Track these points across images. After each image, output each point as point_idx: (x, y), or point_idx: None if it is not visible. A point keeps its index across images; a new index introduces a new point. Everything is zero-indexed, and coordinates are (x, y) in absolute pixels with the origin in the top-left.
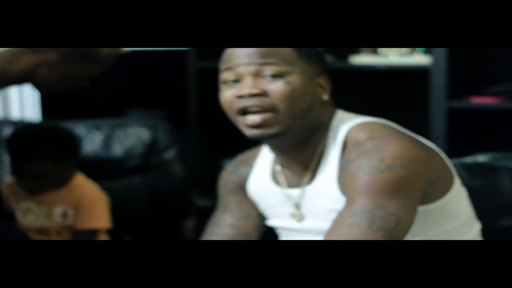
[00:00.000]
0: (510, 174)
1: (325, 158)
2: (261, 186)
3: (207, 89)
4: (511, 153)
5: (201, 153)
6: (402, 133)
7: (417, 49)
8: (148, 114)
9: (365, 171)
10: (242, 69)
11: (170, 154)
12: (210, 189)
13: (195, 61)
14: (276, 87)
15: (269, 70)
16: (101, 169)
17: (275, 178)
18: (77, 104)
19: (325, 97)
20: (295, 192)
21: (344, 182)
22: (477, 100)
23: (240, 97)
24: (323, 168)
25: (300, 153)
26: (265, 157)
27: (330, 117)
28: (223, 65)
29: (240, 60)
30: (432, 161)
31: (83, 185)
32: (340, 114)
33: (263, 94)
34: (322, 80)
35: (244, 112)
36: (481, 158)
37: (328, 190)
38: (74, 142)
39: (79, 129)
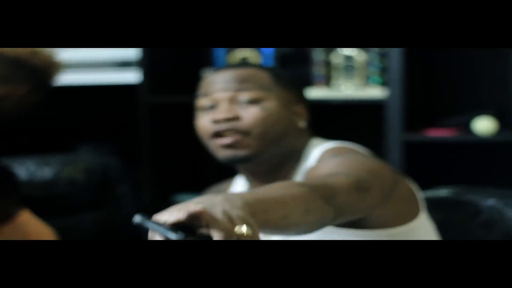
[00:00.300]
0: (473, 208)
1: None
2: None
3: (159, 124)
4: (472, 187)
5: (153, 188)
6: (370, 156)
7: (371, 82)
8: (98, 149)
9: (339, 155)
10: (218, 95)
11: (121, 190)
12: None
13: (146, 95)
14: (250, 112)
15: (244, 95)
16: (49, 206)
17: None
18: (24, 139)
19: (302, 124)
20: None
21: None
22: (433, 133)
23: (216, 121)
24: None
25: (274, 179)
26: (238, 187)
27: (305, 145)
28: (200, 92)
29: (216, 86)
30: (396, 178)
31: (29, 223)
32: (314, 141)
33: (237, 118)
34: (299, 108)
35: (218, 135)
36: (442, 192)
37: None
38: (11, 177)
39: (28, 165)
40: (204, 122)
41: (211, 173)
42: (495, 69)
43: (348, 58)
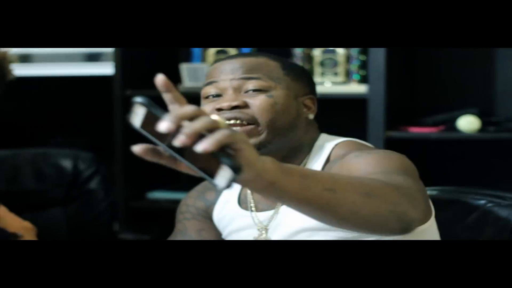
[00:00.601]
0: (462, 209)
1: None
2: (229, 210)
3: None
4: (460, 186)
5: (126, 183)
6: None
7: (353, 77)
8: (69, 143)
9: (370, 152)
10: (224, 83)
11: (92, 185)
12: (135, 222)
13: (120, 88)
14: (258, 100)
15: (251, 84)
16: (19, 201)
17: (243, 202)
18: None
19: (311, 116)
20: (264, 215)
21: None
22: (416, 130)
23: (220, 109)
24: None
25: None
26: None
27: (313, 138)
28: (205, 80)
29: (222, 74)
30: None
31: (6, 217)
32: (324, 136)
33: (243, 106)
34: (308, 101)
35: None
36: (429, 191)
37: None
38: None
39: None
40: (208, 111)
41: None
42: (479, 67)
43: (329, 52)
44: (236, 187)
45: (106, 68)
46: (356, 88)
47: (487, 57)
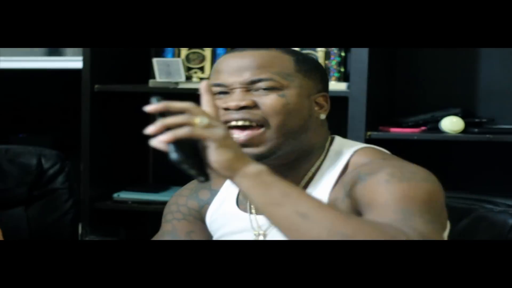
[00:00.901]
0: (448, 213)
1: (315, 184)
2: (225, 210)
3: (101, 114)
4: (452, 192)
5: (92, 183)
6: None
7: (333, 75)
8: (33, 140)
9: (400, 178)
10: (232, 80)
11: (56, 184)
12: (100, 224)
13: (88, 83)
14: (268, 99)
15: (262, 82)
16: None
17: (242, 202)
18: None
19: (323, 116)
20: (264, 219)
21: (361, 195)
22: (396, 131)
23: (227, 109)
24: (311, 192)
25: (285, 176)
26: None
27: (326, 140)
28: (212, 77)
29: (231, 70)
30: (443, 193)
31: None
32: (340, 139)
33: (252, 106)
34: (321, 98)
35: (229, 126)
36: None
37: None
38: None
39: None
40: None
41: (156, 168)
42: (461, 66)
43: (309, 49)
44: (235, 189)
45: (72, 62)
46: (336, 85)
47: (470, 56)
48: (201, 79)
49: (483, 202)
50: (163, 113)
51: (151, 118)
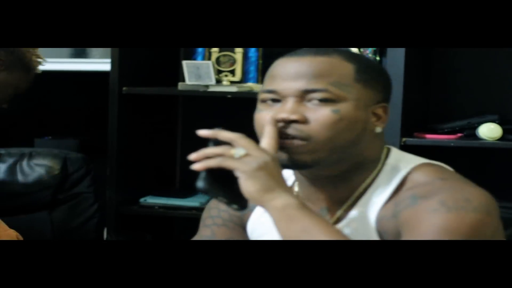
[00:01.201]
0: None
1: (366, 198)
2: (267, 219)
3: (129, 117)
4: None
5: (118, 187)
6: (466, 179)
7: None
8: (58, 143)
9: (449, 208)
10: (286, 89)
11: (81, 188)
12: (125, 229)
13: (116, 86)
14: (320, 115)
15: (317, 93)
16: (3, 204)
17: None
18: None
19: (379, 129)
20: None
21: (406, 219)
22: (432, 137)
23: (278, 121)
24: (361, 207)
25: (334, 187)
26: None
27: (380, 153)
28: (265, 82)
29: (285, 77)
30: (499, 227)
31: None
32: (396, 152)
33: (303, 121)
34: (380, 110)
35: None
36: None
37: (362, 232)
38: None
39: None
40: (265, 117)
41: (183, 173)
42: (497, 71)
43: None
44: None
45: (99, 64)
46: None
47: (508, 60)
48: (232, 82)
49: None
50: (216, 140)
51: (179, 121)
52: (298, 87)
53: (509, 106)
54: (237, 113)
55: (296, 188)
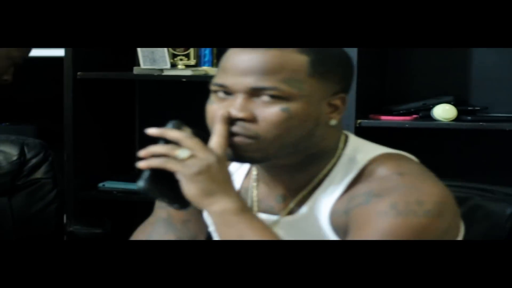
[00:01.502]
0: None
1: (321, 190)
2: None
3: (84, 102)
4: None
5: (76, 173)
6: (428, 171)
7: None
8: (16, 129)
9: (399, 212)
10: (236, 84)
11: (39, 173)
12: (85, 215)
13: (71, 70)
14: (269, 113)
15: (267, 90)
16: None
17: (243, 195)
18: None
19: (334, 122)
20: (266, 218)
21: (356, 217)
22: (387, 119)
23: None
24: (315, 199)
25: (290, 176)
26: (240, 167)
27: (337, 143)
28: (217, 73)
29: (234, 76)
30: (456, 208)
31: None
32: (355, 141)
33: (251, 119)
34: (337, 101)
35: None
36: None
37: (314, 224)
38: None
39: None
40: (215, 111)
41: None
42: (453, 53)
43: None
44: (238, 178)
45: (54, 50)
46: None
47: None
48: (187, 66)
49: (479, 190)
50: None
51: (136, 106)
52: (247, 84)
53: (464, 88)
54: (193, 96)
55: (254, 172)
